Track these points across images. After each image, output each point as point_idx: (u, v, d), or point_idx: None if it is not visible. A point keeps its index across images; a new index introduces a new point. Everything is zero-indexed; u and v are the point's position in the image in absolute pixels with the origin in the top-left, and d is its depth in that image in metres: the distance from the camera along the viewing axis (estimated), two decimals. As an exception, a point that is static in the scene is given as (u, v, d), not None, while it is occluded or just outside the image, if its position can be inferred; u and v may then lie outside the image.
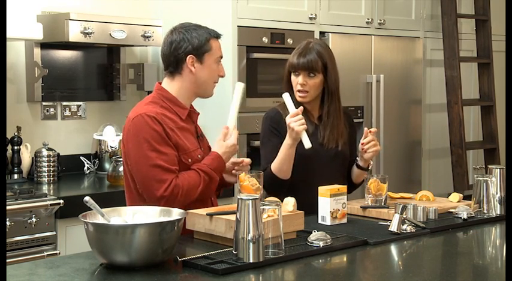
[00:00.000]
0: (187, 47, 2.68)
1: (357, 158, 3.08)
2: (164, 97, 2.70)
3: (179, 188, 2.56)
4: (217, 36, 2.75)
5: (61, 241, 3.43)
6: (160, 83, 2.76)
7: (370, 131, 2.99)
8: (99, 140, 4.17)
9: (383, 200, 2.89)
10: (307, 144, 2.83)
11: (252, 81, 4.12)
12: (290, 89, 3.02)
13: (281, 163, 2.92)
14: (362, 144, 2.99)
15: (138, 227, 2.05)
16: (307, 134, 2.84)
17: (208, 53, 2.71)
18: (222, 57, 2.77)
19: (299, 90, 2.99)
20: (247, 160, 2.84)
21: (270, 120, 3.07)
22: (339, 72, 3.07)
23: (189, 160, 2.65)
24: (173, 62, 2.70)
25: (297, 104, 2.94)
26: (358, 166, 3.07)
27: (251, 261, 2.06)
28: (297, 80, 2.99)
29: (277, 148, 2.95)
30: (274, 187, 2.93)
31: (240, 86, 2.85)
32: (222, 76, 2.78)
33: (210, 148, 2.86)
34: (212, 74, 2.74)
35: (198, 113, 2.82)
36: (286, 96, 2.90)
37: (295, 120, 2.82)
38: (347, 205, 2.71)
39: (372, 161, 3.12)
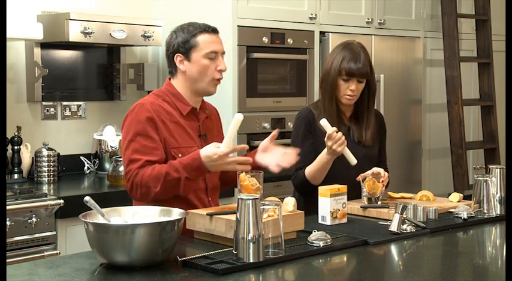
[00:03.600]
0: (173, 46, 2.69)
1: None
2: (169, 92, 2.73)
3: (145, 170, 2.56)
4: (206, 30, 2.68)
5: (61, 241, 3.43)
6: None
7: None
8: (99, 140, 4.17)
9: (377, 198, 2.89)
10: (353, 161, 2.89)
11: (252, 81, 4.12)
12: (333, 93, 3.03)
13: (316, 173, 2.98)
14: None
15: (138, 227, 2.05)
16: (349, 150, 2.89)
17: (195, 49, 2.66)
18: (216, 52, 2.67)
19: (348, 95, 3.02)
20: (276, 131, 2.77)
21: (303, 121, 3.09)
22: None
23: (179, 155, 2.64)
24: (168, 62, 2.74)
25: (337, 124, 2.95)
26: None
27: (251, 261, 2.06)
28: (346, 85, 3.01)
29: (311, 150, 3.01)
30: (304, 189, 3.04)
31: (237, 121, 2.56)
32: (222, 70, 2.69)
33: None
34: (203, 70, 2.66)
35: (207, 115, 2.81)
36: (324, 122, 2.88)
37: (335, 142, 2.85)
38: (347, 204, 2.72)
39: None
